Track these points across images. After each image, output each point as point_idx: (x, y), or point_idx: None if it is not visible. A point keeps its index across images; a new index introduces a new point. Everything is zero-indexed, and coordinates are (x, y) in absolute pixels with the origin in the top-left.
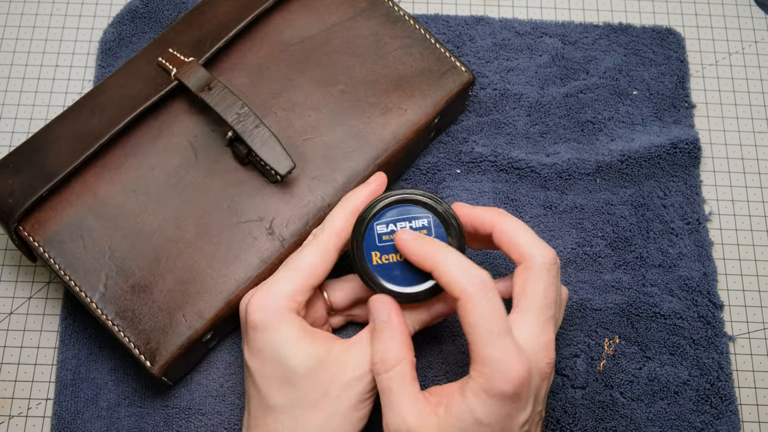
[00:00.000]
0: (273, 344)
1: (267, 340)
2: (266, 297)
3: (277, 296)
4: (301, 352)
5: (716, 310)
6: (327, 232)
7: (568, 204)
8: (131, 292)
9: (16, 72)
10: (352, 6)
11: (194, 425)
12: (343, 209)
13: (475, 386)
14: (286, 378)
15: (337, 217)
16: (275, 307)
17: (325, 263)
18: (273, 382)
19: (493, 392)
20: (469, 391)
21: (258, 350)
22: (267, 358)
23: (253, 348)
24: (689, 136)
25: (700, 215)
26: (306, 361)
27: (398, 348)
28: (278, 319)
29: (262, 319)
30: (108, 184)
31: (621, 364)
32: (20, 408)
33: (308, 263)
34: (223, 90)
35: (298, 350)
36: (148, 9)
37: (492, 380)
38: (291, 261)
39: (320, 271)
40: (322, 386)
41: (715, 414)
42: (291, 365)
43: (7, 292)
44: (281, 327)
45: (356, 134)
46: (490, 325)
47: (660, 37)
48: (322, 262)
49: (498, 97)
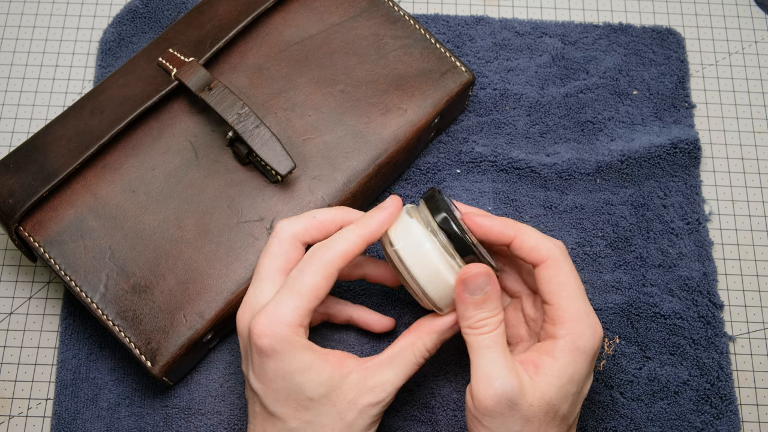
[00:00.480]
0: (284, 373)
1: (278, 369)
2: (274, 324)
3: (285, 324)
4: (314, 379)
5: (716, 310)
6: (333, 253)
7: (568, 204)
8: (132, 293)
9: (16, 72)
10: (352, 6)
11: (194, 425)
12: (356, 234)
13: (565, 344)
14: (300, 404)
15: (347, 240)
16: (285, 334)
17: (328, 285)
18: (288, 408)
19: (584, 348)
20: (560, 350)
21: (267, 378)
22: (278, 385)
23: (261, 375)
24: (689, 136)
25: (700, 215)
26: (319, 389)
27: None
28: (288, 347)
29: (272, 346)
30: (108, 185)
31: (621, 364)
32: (20, 408)
33: (311, 286)
34: (223, 90)
35: (311, 378)
36: (148, 9)
37: (582, 335)
38: (294, 281)
39: (323, 293)
40: (337, 411)
41: (715, 414)
42: (305, 392)
43: (7, 292)
44: (292, 355)
45: (356, 134)
46: (578, 284)
47: (660, 37)
48: (325, 284)
49: (498, 97)
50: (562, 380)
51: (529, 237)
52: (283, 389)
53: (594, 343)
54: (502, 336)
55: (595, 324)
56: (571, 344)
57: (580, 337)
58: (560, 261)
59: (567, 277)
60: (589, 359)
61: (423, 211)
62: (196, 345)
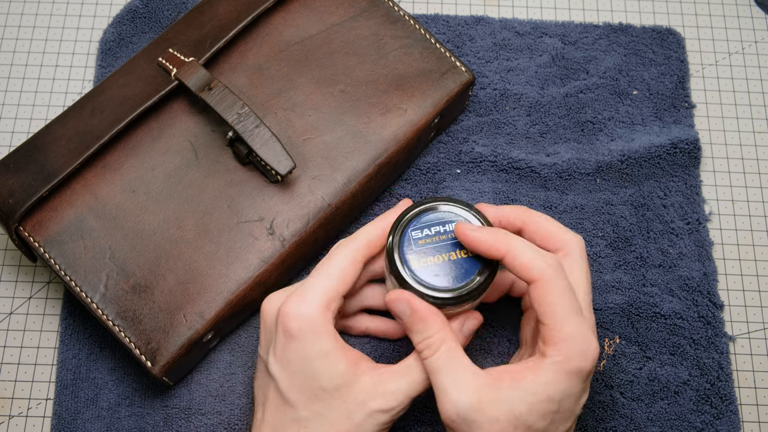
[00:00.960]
0: (306, 357)
1: (299, 351)
2: (303, 305)
3: (315, 305)
4: (331, 368)
5: (716, 310)
6: (358, 241)
7: (568, 204)
8: (132, 293)
9: (16, 72)
10: (352, 6)
11: (194, 425)
12: (376, 226)
13: (551, 363)
14: (313, 393)
15: (370, 230)
16: (312, 315)
17: (355, 271)
18: (302, 395)
19: (572, 369)
20: (544, 368)
21: (287, 360)
22: (296, 370)
23: (282, 357)
24: (689, 136)
25: (700, 215)
26: (333, 380)
27: (437, 329)
28: (317, 329)
29: (299, 327)
30: (108, 184)
31: (621, 364)
32: (20, 408)
33: (340, 269)
34: (223, 90)
35: (328, 366)
36: (148, 9)
37: (572, 358)
38: (321, 266)
39: (350, 278)
40: (347, 409)
41: (715, 414)
42: (319, 381)
43: (7, 292)
44: (318, 339)
45: (356, 134)
46: (570, 303)
47: (660, 37)
48: (352, 269)
49: (498, 97)
50: (538, 397)
51: (521, 254)
52: (301, 374)
53: (585, 365)
54: (447, 355)
55: (587, 345)
56: (558, 366)
57: (569, 359)
58: (552, 281)
59: (559, 298)
60: (578, 380)
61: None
62: (196, 345)
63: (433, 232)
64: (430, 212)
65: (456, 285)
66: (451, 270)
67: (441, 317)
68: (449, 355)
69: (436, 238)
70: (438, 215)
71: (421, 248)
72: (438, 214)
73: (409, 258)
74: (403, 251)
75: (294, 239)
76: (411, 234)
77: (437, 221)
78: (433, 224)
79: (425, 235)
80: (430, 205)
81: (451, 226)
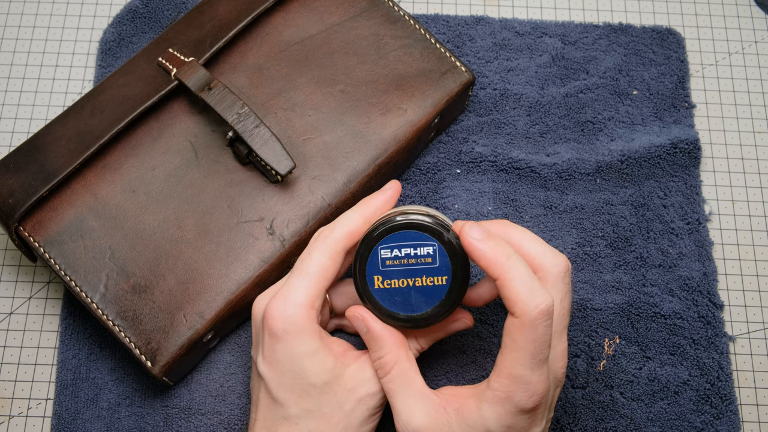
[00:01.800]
0: (292, 356)
1: (286, 351)
2: (286, 306)
3: (297, 306)
4: (318, 365)
5: (716, 310)
6: (338, 233)
7: (568, 204)
8: (132, 293)
9: (16, 72)
10: (352, 6)
11: (194, 425)
12: (358, 213)
13: (493, 397)
14: (303, 390)
15: (351, 219)
16: (297, 316)
17: (336, 265)
18: (291, 393)
19: (512, 407)
20: (486, 401)
21: (275, 360)
22: (285, 369)
23: (269, 357)
24: (689, 136)
25: (700, 215)
26: (322, 375)
27: (389, 351)
28: (301, 329)
29: (284, 328)
30: (108, 184)
31: (621, 364)
32: (20, 408)
33: (319, 266)
34: (223, 90)
35: (317, 363)
36: (148, 9)
37: (514, 396)
38: (302, 264)
39: (331, 274)
40: (337, 400)
41: (715, 414)
42: (308, 378)
43: (7, 292)
44: (301, 338)
45: (356, 134)
46: (536, 351)
47: (660, 37)
48: (332, 264)
49: (498, 97)
50: (476, 430)
51: (513, 286)
52: (289, 373)
53: (526, 403)
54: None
55: (534, 388)
56: (497, 399)
57: (510, 396)
58: (528, 327)
59: (526, 344)
60: (520, 415)
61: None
62: (196, 345)
63: (403, 254)
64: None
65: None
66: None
67: (395, 337)
68: (400, 378)
69: (405, 261)
70: (411, 234)
71: (387, 269)
72: (412, 233)
73: (373, 276)
74: (367, 268)
75: (294, 239)
76: (380, 252)
77: (408, 243)
78: (403, 246)
79: (394, 256)
80: (404, 223)
81: (423, 249)
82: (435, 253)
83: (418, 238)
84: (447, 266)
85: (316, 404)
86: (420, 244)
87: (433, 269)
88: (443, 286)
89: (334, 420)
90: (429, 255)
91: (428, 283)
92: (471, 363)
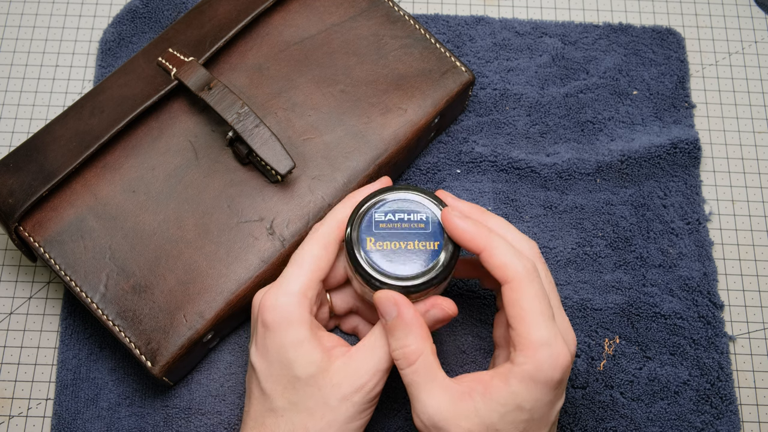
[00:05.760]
0: (279, 346)
1: (275, 341)
2: (280, 296)
3: (290, 295)
4: (304, 357)
5: (716, 310)
6: (329, 224)
7: (568, 204)
8: (132, 293)
9: (16, 72)
10: (352, 6)
11: (194, 425)
12: (347, 205)
13: (521, 372)
14: (289, 382)
15: (340, 210)
16: (289, 305)
17: (328, 255)
18: (278, 384)
19: (541, 379)
20: (514, 377)
21: (266, 350)
22: (273, 359)
23: (261, 347)
24: (689, 136)
25: (700, 215)
26: (307, 368)
27: (416, 340)
28: (292, 318)
29: (275, 318)
30: (108, 184)
31: (621, 364)
32: (20, 408)
33: (312, 256)
34: (223, 90)
35: (303, 355)
36: (148, 9)
37: (541, 367)
38: (296, 256)
39: (324, 263)
40: (322, 395)
41: (715, 414)
42: (294, 370)
43: (7, 292)
44: (293, 328)
45: (356, 134)
46: (542, 308)
47: (660, 37)
48: (325, 254)
49: (498, 97)
50: (508, 407)
51: (499, 253)
52: (277, 363)
53: (554, 374)
54: (423, 370)
55: (557, 353)
56: (527, 374)
57: (538, 368)
58: (524, 284)
59: (530, 303)
60: (548, 389)
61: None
62: (196, 345)
63: (397, 218)
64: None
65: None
66: (403, 258)
67: (424, 328)
68: (425, 371)
69: (398, 225)
70: (405, 203)
71: (380, 231)
72: (406, 202)
73: (366, 237)
74: (361, 228)
75: (294, 239)
76: (374, 215)
77: (402, 208)
78: (397, 211)
79: (388, 219)
80: (400, 186)
81: (416, 215)
82: (428, 220)
83: (411, 207)
84: (439, 232)
85: (301, 397)
86: (414, 211)
87: (426, 234)
88: (435, 251)
89: (318, 415)
90: (422, 221)
91: (420, 247)
92: (471, 363)
